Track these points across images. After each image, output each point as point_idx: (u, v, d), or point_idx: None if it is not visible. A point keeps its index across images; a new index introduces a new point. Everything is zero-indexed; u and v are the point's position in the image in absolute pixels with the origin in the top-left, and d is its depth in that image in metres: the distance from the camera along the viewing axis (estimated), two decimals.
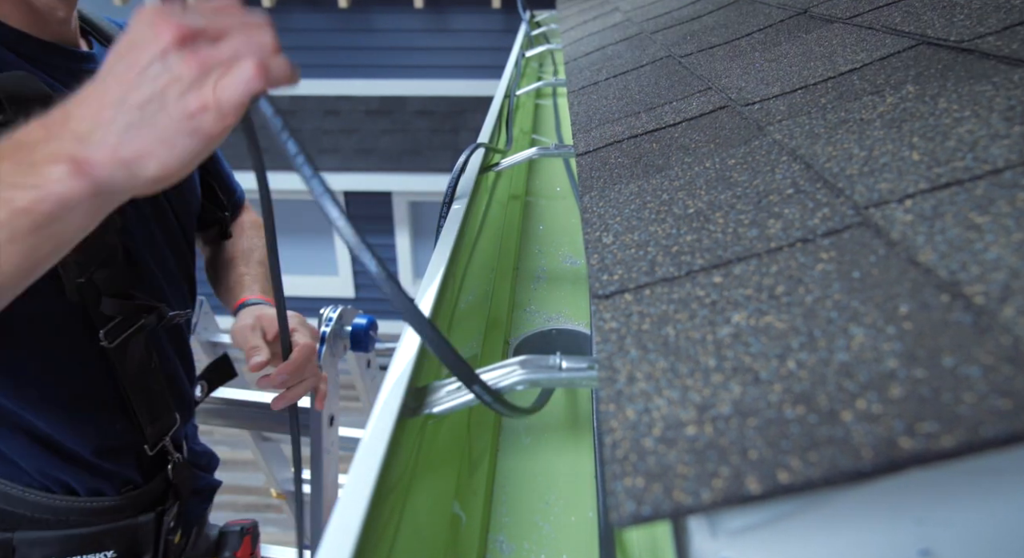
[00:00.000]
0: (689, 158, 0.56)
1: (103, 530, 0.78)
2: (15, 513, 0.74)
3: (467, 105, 4.55)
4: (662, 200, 0.50)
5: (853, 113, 0.49)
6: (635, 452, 0.27)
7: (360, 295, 5.17)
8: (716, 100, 0.68)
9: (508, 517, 0.57)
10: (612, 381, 0.32)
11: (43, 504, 0.75)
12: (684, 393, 0.29)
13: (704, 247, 0.41)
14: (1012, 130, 0.37)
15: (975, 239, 0.30)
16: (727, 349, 0.31)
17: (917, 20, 0.62)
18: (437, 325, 0.53)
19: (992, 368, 0.24)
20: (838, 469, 0.22)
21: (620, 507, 0.25)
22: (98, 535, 0.78)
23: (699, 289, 0.37)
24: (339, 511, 0.33)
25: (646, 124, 0.70)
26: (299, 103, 4.86)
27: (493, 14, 4.44)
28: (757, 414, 0.26)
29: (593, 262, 0.45)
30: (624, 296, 0.39)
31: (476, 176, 0.80)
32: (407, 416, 0.42)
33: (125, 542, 0.80)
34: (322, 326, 1.49)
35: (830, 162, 0.44)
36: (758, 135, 0.54)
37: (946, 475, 0.26)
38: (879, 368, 0.26)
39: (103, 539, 0.78)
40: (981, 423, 0.22)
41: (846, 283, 0.32)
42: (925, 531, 0.26)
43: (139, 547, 0.82)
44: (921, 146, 0.40)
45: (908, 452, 0.22)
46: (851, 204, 0.38)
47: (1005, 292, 0.27)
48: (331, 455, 1.46)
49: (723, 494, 0.23)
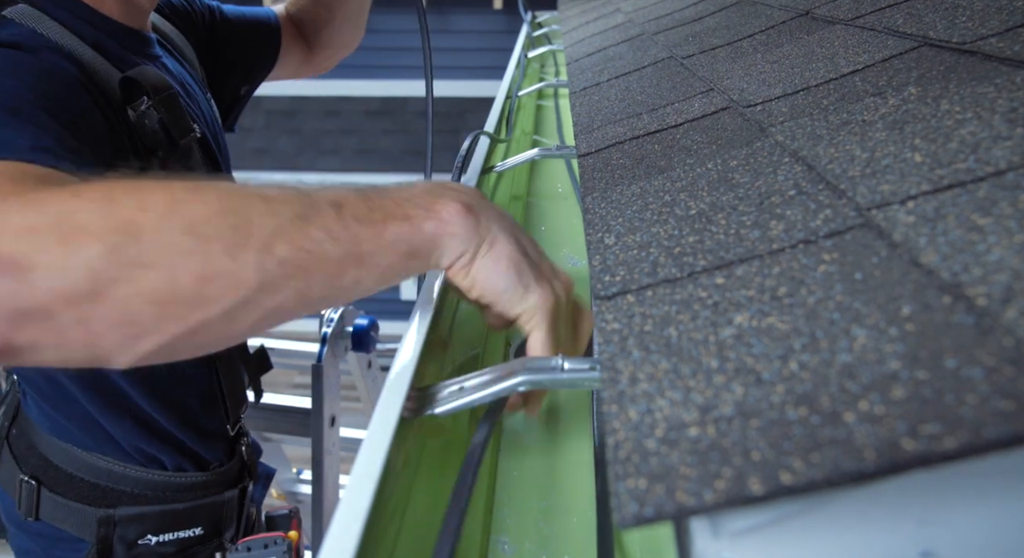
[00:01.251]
0: (691, 159, 0.56)
1: (194, 506, 0.82)
2: (116, 489, 0.77)
3: (468, 106, 4.56)
4: (664, 201, 0.50)
5: (855, 115, 0.49)
6: (638, 453, 0.27)
7: None
8: (718, 101, 0.68)
9: (510, 518, 0.57)
10: (614, 382, 0.32)
11: (143, 479, 0.78)
12: (686, 394, 0.29)
13: (706, 248, 0.41)
14: (1014, 132, 0.37)
15: (977, 241, 0.30)
16: (729, 350, 0.31)
17: (919, 22, 0.62)
18: (440, 327, 0.54)
19: (994, 370, 0.24)
20: (840, 470, 0.23)
21: (623, 508, 0.25)
22: (190, 511, 0.82)
23: (701, 290, 0.37)
24: (341, 512, 0.33)
25: (648, 125, 0.70)
26: (299, 103, 4.87)
27: (495, 15, 4.44)
28: (759, 415, 0.26)
29: (595, 263, 0.45)
30: (626, 297, 0.39)
31: (478, 177, 0.80)
32: (408, 417, 0.42)
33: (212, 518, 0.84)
34: (323, 327, 1.49)
35: (832, 164, 0.44)
36: (760, 136, 0.54)
37: (948, 477, 0.26)
38: (881, 369, 0.26)
39: (194, 515, 0.82)
40: (983, 425, 0.22)
41: (848, 284, 0.32)
42: (927, 532, 0.26)
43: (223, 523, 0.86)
44: (923, 148, 0.40)
45: (910, 453, 0.22)
46: (853, 205, 0.38)
47: (1007, 294, 0.27)
48: (332, 456, 1.46)
49: (725, 495, 0.23)
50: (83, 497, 0.77)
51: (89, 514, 0.76)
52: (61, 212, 0.36)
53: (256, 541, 0.87)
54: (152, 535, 0.79)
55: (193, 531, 0.82)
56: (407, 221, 0.43)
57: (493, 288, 0.46)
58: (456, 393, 0.44)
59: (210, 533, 0.84)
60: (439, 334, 0.55)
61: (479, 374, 0.45)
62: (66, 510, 0.77)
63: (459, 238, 0.45)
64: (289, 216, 0.39)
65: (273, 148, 5.01)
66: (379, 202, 0.44)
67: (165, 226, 0.37)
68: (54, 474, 0.77)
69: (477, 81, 4.51)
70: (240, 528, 0.89)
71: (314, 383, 1.43)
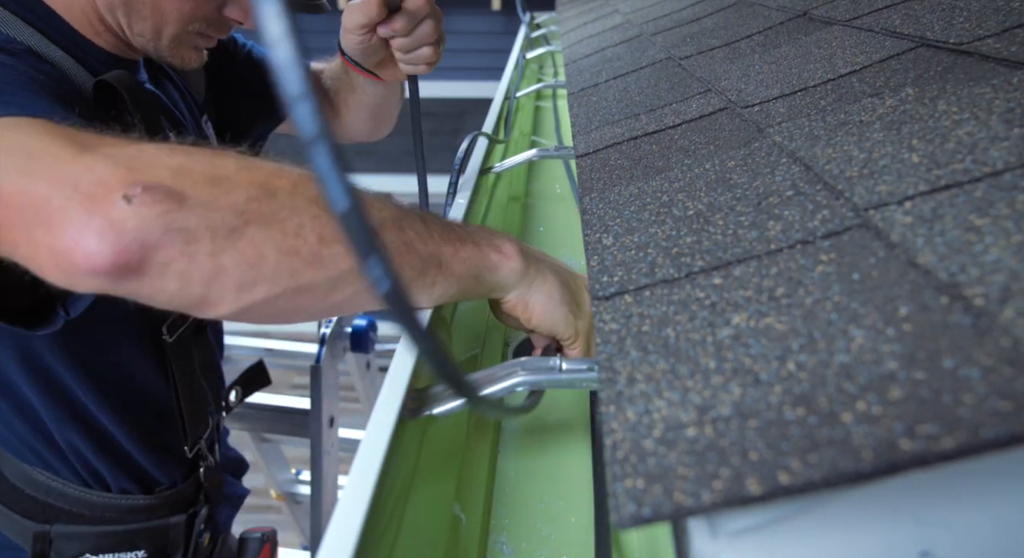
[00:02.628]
0: (689, 160, 0.56)
1: (136, 528, 0.80)
2: (54, 506, 0.76)
3: (467, 107, 4.55)
4: (662, 202, 0.50)
5: (853, 115, 0.49)
6: (635, 453, 0.27)
7: None
8: (716, 102, 0.69)
9: (508, 519, 0.57)
10: (612, 382, 0.32)
11: (82, 499, 0.76)
12: (684, 394, 0.29)
13: (704, 249, 0.41)
14: (1011, 132, 0.37)
15: (975, 241, 0.30)
16: (727, 351, 0.31)
17: (916, 22, 0.62)
18: (438, 328, 0.54)
19: (992, 370, 0.24)
20: (838, 470, 0.23)
21: (621, 508, 0.25)
22: (132, 533, 0.80)
23: (699, 291, 0.37)
24: (339, 513, 0.33)
25: (646, 126, 0.70)
26: None
27: (493, 16, 4.44)
28: (757, 415, 0.26)
29: (593, 264, 0.45)
30: (624, 298, 0.39)
31: (476, 178, 0.80)
32: (407, 417, 0.42)
33: (156, 542, 0.82)
34: (322, 328, 1.49)
35: (830, 164, 0.44)
36: (758, 137, 0.54)
37: (946, 477, 0.26)
38: (879, 370, 0.26)
39: (136, 538, 0.80)
40: (981, 425, 0.22)
41: (846, 285, 0.32)
42: (925, 532, 0.26)
43: (169, 548, 0.84)
44: (920, 148, 0.40)
45: (908, 454, 0.22)
46: (851, 206, 0.38)
47: (1005, 294, 0.27)
48: (331, 456, 1.46)
49: (723, 495, 0.23)
50: (22, 510, 0.75)
51: (28, 527, 0.75)
52: (207, 161, 0.41)
53: None
54: (91, 554, 0.77)
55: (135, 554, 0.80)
56: (476, 246, 0.50)
57: (551, 319, 0.53)
58: (454, 394, 0.44)
59: (154, 556, 0.82)
60: (438, 335, 0.55)
61: (477, 375, 0.45)
62: (8, 519, 0.76)
63: (517, 273, 0.51)
64: (388, 216, 0.46)
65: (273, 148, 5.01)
66: (452, 226, 0.51)
67: (296, 192, 0.42)
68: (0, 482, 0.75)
69: (475, 82, 4.51)
70: (188, 553, 0.86)
71: (313, 384, 1.43)
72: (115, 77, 0.64)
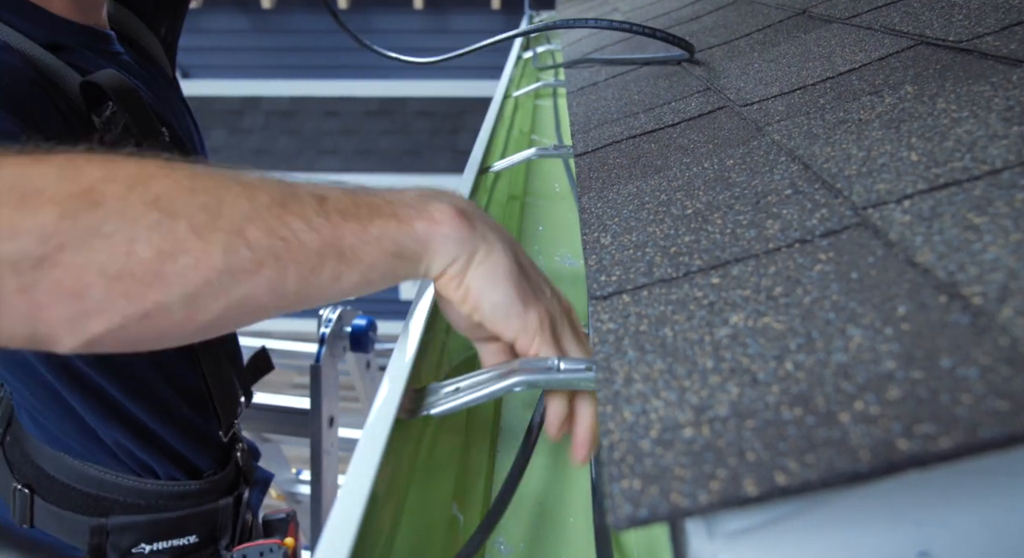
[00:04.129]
0: (688, 159, 0.56)
1: (188, 514, 0.82)
2: (108, 498, 0.77)
3: (466, 106, 4.55)
4: (660, 201, 0.50)
5: (851, 113, 0.49)
6: (632, 454, 0.27)
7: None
8: (715, 100, 0.68)
9: (507, 519, 0.57)
10: (610, 382, 0.32)
11: (135, 489, 0.78)
12: (682, 394, 0.29)
13: (702, 248, 0.40)
14: (1010, 130, 0.37)
15: (973, 240, 0.30)
16: (725, 350, 0.31)
17: (915, 20, 0.62)
18: (436, 327, 0.53)
19: (990, 369, 0.24)
20: (836, 471, 0.22)
21: (617, 509, 0.24)
22: (183, 519, 0.81)
23: (697, 290, 0.37)
24: (336, 512, 0.33)
25: (645, 124, 0.70)
26: (298, 104, 4.86)
27: (493, 15, 4.44)
28: (755, 416, 0.26)
29: (591, 263, 0.45)
30: (622, 297, 0.39)
31: (475, 176, 0.80)
32: (404, 417, 0.42)
33: (206, 526, 0.84)
34: (321, 327, 1.49)
35: (828, 163, 0.43)
36: (756, 135, 0.54)
37: (944, 477, 0.25)
38: (877, 369, 0.26)
39: (187, 523, 0.82)
40: (979, 424, 0.22)
41: (844, 284, 0.32)
42: (923, 533, 0.26)
43: (218, 531, 0.85)
44: (919, 146, 0.40)
45: (906, 453, 0.22)
46: (849, 205, 0.38)
47: (1003, 293, 0.27)
48: (331, 456, 1.46)
49: (720, 496, 0.23)
50: (76, 506, 0.76)
51: (82, 523, 0.76)
52: (19, 174, 0.34)
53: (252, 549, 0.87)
54: (146, 543, 0.78)
55: (187, 539, 0.81)
56: (394, 218, 0.40)
57: (488, 300, 0.42)
58: (452, 394, 0.44)
59: (205, 541, 0.83)
60: (436, 334, 0.54)
61: (475, 374, 0.45)
62: (59, 519, 0.77)
63: (451, 240, 0.41)
64: (266, 202, 0.37)
65: (272, 148, 5.01)
66: (366, 199, 0.41)
67: (129, 197, 0.34)
68: (47, 484, 0.76)
69: (475, 81, 4.51)
70: (236, 535, 0.88)
71: (312, 384, 1.43)
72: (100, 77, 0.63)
